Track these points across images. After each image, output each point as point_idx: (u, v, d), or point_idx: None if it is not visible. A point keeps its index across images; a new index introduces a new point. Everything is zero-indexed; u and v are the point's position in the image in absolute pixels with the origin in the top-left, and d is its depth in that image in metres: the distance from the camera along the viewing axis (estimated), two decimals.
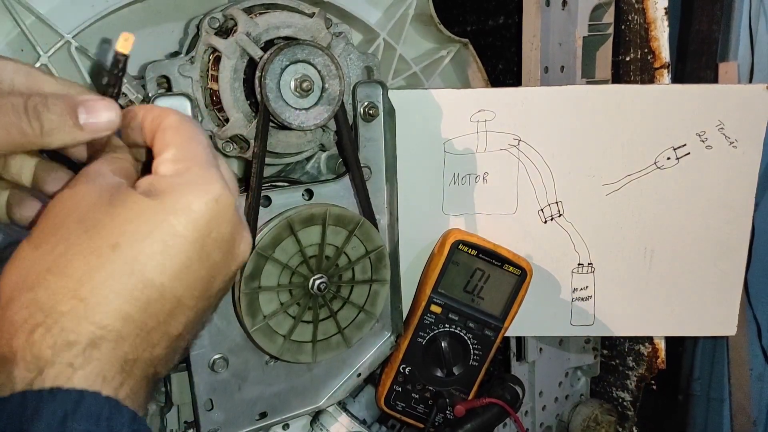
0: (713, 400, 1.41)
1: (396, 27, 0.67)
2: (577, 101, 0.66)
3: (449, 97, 0.65)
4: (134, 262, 0.29)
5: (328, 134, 0.57)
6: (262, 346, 0.55)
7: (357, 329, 0.61)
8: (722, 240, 0.72)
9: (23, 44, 0.51)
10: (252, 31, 0.50)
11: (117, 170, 0.33)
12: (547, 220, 0.69)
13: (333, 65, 0.52)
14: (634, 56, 0.83)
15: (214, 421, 0.57)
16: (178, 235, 0.30)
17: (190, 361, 0.55)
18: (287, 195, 0.56)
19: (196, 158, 0.32)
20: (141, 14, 0.57)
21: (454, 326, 0.67)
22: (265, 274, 0.54)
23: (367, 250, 0.59)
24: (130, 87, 0.50)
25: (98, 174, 0.32)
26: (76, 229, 0.29)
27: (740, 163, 0.69)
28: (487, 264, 0.66)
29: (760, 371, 1.35)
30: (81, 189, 0.31)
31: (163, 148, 0.33)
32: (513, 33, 0.83)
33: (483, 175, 0.67)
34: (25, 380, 0.26)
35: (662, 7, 0.79)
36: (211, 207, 0.31)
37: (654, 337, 0.89)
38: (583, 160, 0.68)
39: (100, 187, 0.31)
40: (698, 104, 0.67)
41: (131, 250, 0.29)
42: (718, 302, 0.74)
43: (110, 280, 0.28)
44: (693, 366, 1.43)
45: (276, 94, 0.50)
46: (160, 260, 0.29)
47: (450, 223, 0.68)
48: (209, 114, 0.52)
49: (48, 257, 0.28)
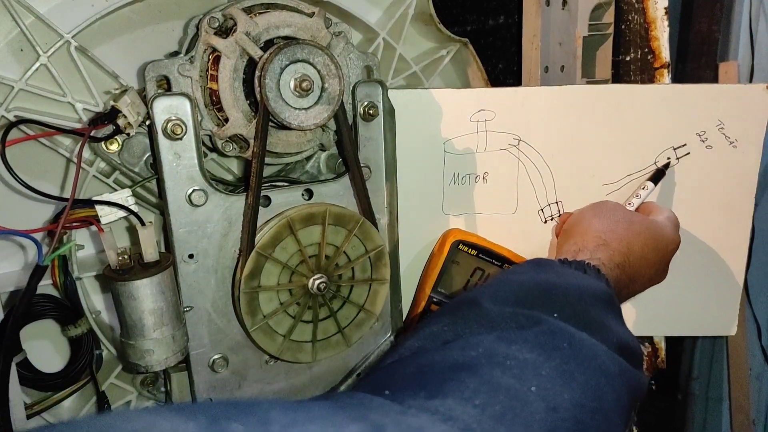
0: (712, 400, 1.41)
1: (396, 26, 0.67)
2: (577, 101, 0.66)
3: (449, 96, 0.65)
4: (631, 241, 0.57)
5: (327, 134, 0.57)
6: (262, 345, 0.55)
7: (357, 329, 0.61)
8: (722, 240, 0.72)
9: (23, 44, 0.51)
10: (252, 31, 0.50)
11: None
12: (547, 220, 0.69)
13: (333, 65, 0.52)
14: (634, 56, 0.83)
15: None
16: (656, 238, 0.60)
17: (190, 361, 0.55)
18: (287, 194, 0.57)
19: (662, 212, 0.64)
20: (141, 13, 0.57)
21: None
22: (264, 274, 0.54)
23: (366, 249, 0.59)
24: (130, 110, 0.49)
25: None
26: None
27: (740, 163, 0.69)
28: (487, 264, 0.66)
29: (759, 371, 1.36)
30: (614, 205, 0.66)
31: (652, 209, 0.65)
32: (513, 33, 0.83)
33: (483, 175, 0.67)
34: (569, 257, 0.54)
35: (662, 7, 0.79)
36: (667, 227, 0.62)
37: (654, 337, 0.89)
38: (583, 160, 0.68)
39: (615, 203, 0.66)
40: (698, 104, 0.67)
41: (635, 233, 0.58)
42: (718, 302, 0.74)
43: (623, 242, 0.56)
44: (692, 366, 1.43)
45: (276, 94, 0.50)
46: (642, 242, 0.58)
47: (450, 223, 0.68)
48: (209, 114, 0.52)
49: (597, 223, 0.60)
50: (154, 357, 0.49)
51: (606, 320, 0.44)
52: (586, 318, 0.43)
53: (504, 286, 0.46)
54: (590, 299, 0.45)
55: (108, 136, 0.50)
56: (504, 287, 0.46)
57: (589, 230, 0.58)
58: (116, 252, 0.48)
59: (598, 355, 0.39)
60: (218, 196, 0.53)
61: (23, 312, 0.50)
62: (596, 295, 0.46)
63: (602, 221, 0.60)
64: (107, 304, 0.59)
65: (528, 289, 0.45)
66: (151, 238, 0.50)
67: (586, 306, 0.44)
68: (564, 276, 0.48)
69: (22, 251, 0.56)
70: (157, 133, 0.49)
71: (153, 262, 0.49)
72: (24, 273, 0.53)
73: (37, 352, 0.56)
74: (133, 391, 0.61)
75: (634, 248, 0.56)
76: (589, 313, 0.43)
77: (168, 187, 0.51)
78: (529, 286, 0.46)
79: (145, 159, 0.53)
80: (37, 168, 0.54)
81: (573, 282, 0.47)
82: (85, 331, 0.56)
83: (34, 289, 0.50)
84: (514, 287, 0.46)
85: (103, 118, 0.50)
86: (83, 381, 0.57)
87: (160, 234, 0.57)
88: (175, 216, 0.51)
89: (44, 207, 0.55)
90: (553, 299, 0.44)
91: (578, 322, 0.42)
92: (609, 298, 0.47)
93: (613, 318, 0.45)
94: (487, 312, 0.42)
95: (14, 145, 0.47)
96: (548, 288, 0.45)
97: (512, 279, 0.48)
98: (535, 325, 0.40)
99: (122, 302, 0.48)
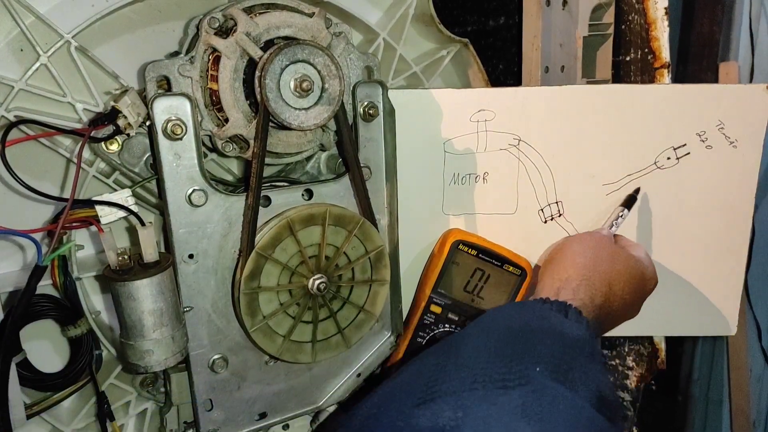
0: (712, 402, 1.41)
1: (396, 27, 0.67)
2: (577, 101, 0.66)
3: (449, 97, 0.65)
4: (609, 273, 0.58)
5: (328, 134, 0.57)
6: (262, 346, 0.55)
7: (357, 329, 0.61)
8: (722, 240, 0.72)
9: (23, 44, 0.51)
10: (252, 31, 0.50)
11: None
12: (547, 220, 0.69)
13: (333, 65, 0.52)
14: (635, 56, 0.83)
15: (214, 421, 0.57)
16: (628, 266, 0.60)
17: (190, 361, 0.55)
18: (287, 195, 0.56)
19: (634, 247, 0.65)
20: (141, 13, 0.57)
21: (454, 326, 0.67)
22: (264, 274, 0.54)
23: (366, 250, 0.59)
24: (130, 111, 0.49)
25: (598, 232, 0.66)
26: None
27: (740, 163, 0.69)
28: (487, 264, 0.66)
29: (760, 373, 1.36)
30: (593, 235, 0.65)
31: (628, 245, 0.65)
32: (513, 33, 0.83)
33: (483, 175, 0.67)
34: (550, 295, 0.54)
35: (662, 8, 0.79)
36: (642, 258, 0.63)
37: (654, 337, 0.89)
38: (583, 160, 0.68)
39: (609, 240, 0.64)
40: (698, 104, 0.67)
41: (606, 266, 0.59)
42: (718, 302, 0.74)
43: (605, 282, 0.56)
44: (692, 367, 1.43)
45: (276, 94, 0.50)
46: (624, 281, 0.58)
47: (450, 223, 0.68)
48: (209, 114, 0.52)
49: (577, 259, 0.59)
50: (153, 357, 0.49)
51: (588, 370, 0.44)
52: (568, 371, 0.43)
53: (486, 332, 0.46)
54: (573, 349, 0.45)
55: (108, 137, 0.50)
56: (486, 334, 0.46)
57: (573, 265, 0.58)
58: (116, 252, 0.48)
59: (580, 419, 0.39)
60: (218, 196, 0.53)
61: (23, 312, 0.50)
62: (578, 344, 0.46)
63: (586, 255, 0.59)
64: (107, 304, 0.59)
65: (511, 337, 0.45)
66: (151, 239, 0.50)
67: (569, 357, 0.44)
68: (546, 320, 0.48)
69: (21, 251, 0.56)
70: (157, 134, 0.49)
71: (153, 263, 0.49)
72: (23, 273, 0.53)
73: (37, 352, 0.56)
74: (133, 391, 0.61)
75: (615, 288, 0.57)
76: (571, 365, 0.43)
77: (168, 188, 0.51)
78: (512, 333, 0.46)
79: (145, 159, 0.53)
80: (37, 168, 0.54)
81: (556, 329, 0.47)
82: (84, 332, 0.56)
83: (34, 289, 0.50)
84: (497, 334, 0.46)
85: (103, 118, 0.50)
86: (83, 381, 0.57)
87: (159, 234, 0.57)
88: (175, 216, 0.51)
89: (44, 207, 0.55)
90: (536, 349, 0.44)
91: (560, 374, 0.42)
92: (591, 345, 0.47)
93: (595, 366, 0.45)
94: (466, 362, 0.42)
95: (14, 145, 0.47)
96: (531, 335, 0.45)
97: (494, 325, 0.48)
98: (520, 386, 0.39)
99: (122, 303, 0.48)
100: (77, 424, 0.58)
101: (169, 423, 0.60)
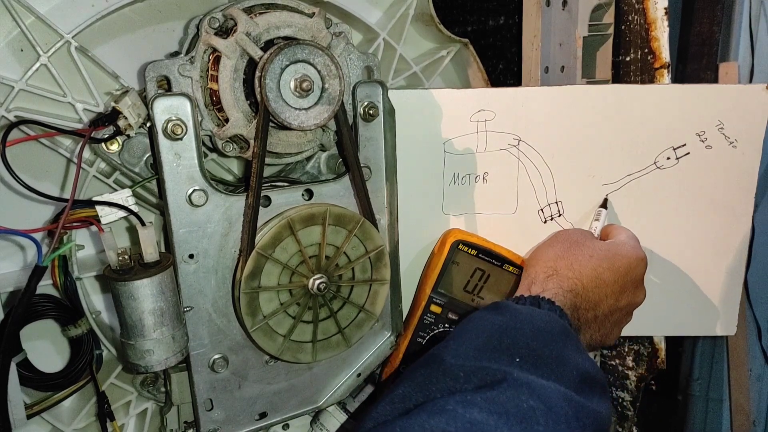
0: (712, 401, 1.41)
1: (396, 27, 0.67)
2: (577, 101, 0.66)
3: (449, 97, 0.65)
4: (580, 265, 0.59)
5: (328, 134, 0.57)
6: (262, 345, 0.55)
7: (357, 329, 0.61)
8: (722, 240, 0.72)
9: (23, 44, 0.51)
10: (252, 31, 0.50)
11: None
12: (547, 220, 0.69)
13: (333, 65, 0.52)
14: (634, 56, 0.83)
15: (214, 421, 0.57)
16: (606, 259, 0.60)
17: (190, 361, 0.55)
18: (287, 195, 0.57)
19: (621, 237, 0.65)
20: (142, 13, 0.57)
21: (454, 326, 0.67)
22: (265, 274, 0.54)
23: (366, 249, 0.59)
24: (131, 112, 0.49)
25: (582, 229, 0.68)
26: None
27: (740, 163, 0.69)
28: (486, 264, 0.66)
29: (760, 372, 1.36)
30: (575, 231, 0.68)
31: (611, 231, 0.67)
32: (513, 33, 0.83)
33: (483, 175, 0.67)
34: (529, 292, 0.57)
35: (662, 8, 0.79)
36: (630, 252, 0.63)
37: (654, 337, 0.89)
38: (583, 160, 0.68)
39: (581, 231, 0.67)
40: (698, 104, 0.67)
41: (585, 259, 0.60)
42: (718, 302, 0.74)
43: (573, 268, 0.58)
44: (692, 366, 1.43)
45: (276, 94, 0.50)
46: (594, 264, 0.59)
47: (450, 223, 0.68)
48: (209, 114, 0.52)
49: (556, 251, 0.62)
50: (154, 357, 0.49)
51: (564, 354, 0.46)
52: (544, 359, 0.45)
53: (464, 336, 0.48)
54: (546, 337, 0.47)
55: (108, 137, 0.50)
56: (464, 338, 0.47)
57: (540, 260, 0.61)
58: (116, 252, 0.48)
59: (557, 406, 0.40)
60: (218, 196, 0.53)
61: (23, 312, 0.50)
62: (551, 331, 0.48)
63: (554, 249, 0.62)
64: (107, 304, 0.59)
65: (487, 338, 0.47)
66: (151, 239, 0.50)
67: (542, 345, 0.46)
68: (520, 317, 0.50)
69: (21, 251, 0.56)
70: (158, 134, 0.49)
71: (153, 263, 0.49)
72: (24, 273, 0.53)
73: (37, 352, 0.56)
74: (133, 391, 0.61)
75: (585, 271, 0.58)
76: (545, 352, 0.45)
77: (168, 188, 0.51)
78: (488, 335, 0.47)
79: (146, 159, 0.53)
80: (37, 168, 0.54)
81: (528, 322, 0.49)
82: (85, 332, 0.56)
83: (34, 289, 0.50)
84: (473, 337, 0.47)
85: (103, 119, 0.50)
86: (83, 381, 0.57)
87: (160, 234, 0.58)
88: (175, 216, 0.51)
89: (44, 207, 0.55)
90: (512, 345, 0.46)
91: (537, 364, 0.44)
92: (564, 330, 0.49)
93: (572, 348, 0.47)
94: (449, 369, 0.43)
95: (15, 146, 0.47)
96: (506, 333, 0.47)
97: (471, 328, 0.49)
98: (497, 384, 0.41)
99: (122, 302, 0.48)
100: (77, 424, 0.59)
101: (170, 423, 0.61)
